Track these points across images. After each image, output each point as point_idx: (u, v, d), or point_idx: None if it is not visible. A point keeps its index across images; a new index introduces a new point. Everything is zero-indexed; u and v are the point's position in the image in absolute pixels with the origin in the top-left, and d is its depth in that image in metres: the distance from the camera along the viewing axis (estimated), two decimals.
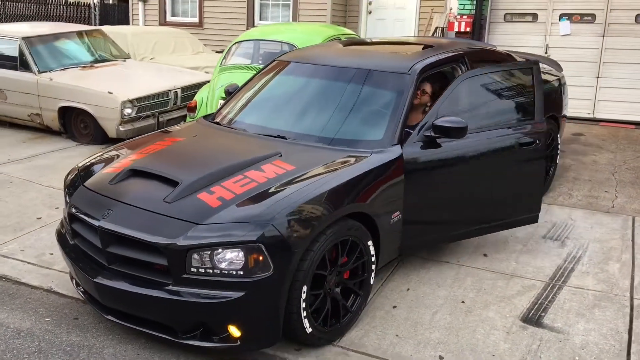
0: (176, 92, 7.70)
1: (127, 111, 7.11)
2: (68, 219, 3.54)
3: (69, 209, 3.49)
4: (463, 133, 3.74)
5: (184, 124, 4.70)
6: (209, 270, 2.97)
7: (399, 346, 3.38)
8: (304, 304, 3.13)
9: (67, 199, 3.61)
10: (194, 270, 2.98)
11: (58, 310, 3.70)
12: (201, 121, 4.48)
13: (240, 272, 2.95)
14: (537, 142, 4.26)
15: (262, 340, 3.15)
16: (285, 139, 3.88)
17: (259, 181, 3.29)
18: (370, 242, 3.51)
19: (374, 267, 3.59)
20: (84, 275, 3.27)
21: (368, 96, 4.10)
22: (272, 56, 5.98)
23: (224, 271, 2.96)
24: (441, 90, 4.16)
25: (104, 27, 10.23)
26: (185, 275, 2.99)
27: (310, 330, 3.21)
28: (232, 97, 4.69)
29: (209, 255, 2.96)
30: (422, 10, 11.38)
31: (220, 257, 2.96)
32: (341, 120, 4.00)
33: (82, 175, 3.71)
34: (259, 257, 2.95)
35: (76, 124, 7.58)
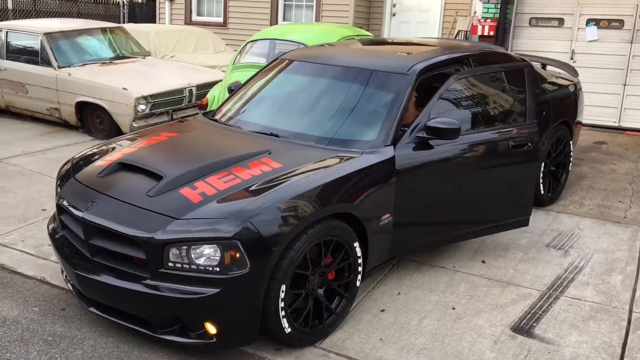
0: (191, 89, 7.75)
1: (140, 107, 7.18)
2: (57, 210, 3.57)
3: (58, 200, 3.53)
4: (456, 134, 3.66)
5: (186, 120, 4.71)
6: (185, 266, 2.95)
7: (381, 350, 3.31)
8: (282, 304, 3.09)
9: (58, 190, 3.65)
10: (172, 265, 2.97)
11: (47, 300, 3.73)
12: (200, 117, 4.48)
13: (217, 269, 2.93)
14: (528, 144, 4.21)
15: (238, 338, 3.12)
16: (278, 137, 3.85)
17: (243, 178, 3.27)
18: (356, 244, 3.44)
19: (360, 269, 3.52)
20: (68, 267, 3.30)
21: (365, 96, 4.03)
22: None
23: (200, 267, 2.94)
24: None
25: (127, 25, 10.39)
26: (162, 270, 2.98)
27: (289, 330, 3.17)
28: (233, 94, 4.68)
29: (186, 250, 2.94)
30: (447, 13, 11.24)
31: (198, 253, 2.94)
32: (336, 120, 3.95)
33: (74, 168, 3.74)
34: (236, 254, 2.91)
35: (92, 119, 7.69)
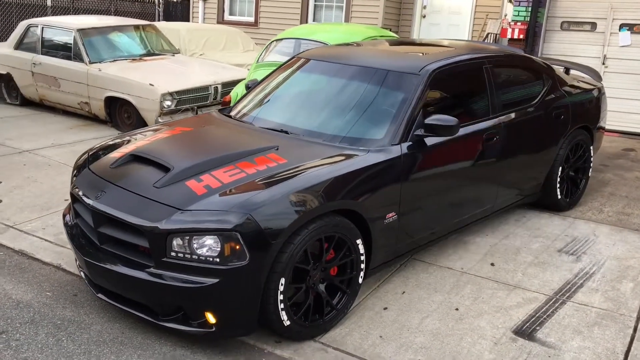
0: (216, 87, 7.88)
1: (166, 103, 7.33)
2: (71, 199, 3.70)
3: (72, 189, 3.65)
4: (455, 131, 3.69)
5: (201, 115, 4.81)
6: (187, 256, 3.03)
7: (380, 347, 3.33)
8: (281, 297, 3.14)
9: (73, 179, 3.77)
10: (174, 254, 3.05)
11: (61, 286, 3.87)
12: (215, 113, 4.57)
13: (217, 260, 3.00)
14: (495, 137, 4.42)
15: (237, 329, 3.19)
16: (288, 133, 3.90)
17: (248, 172, 3.33)
18: (359, 241, 3.48)
19: (363, 266, 3.56)
20: (79, 254, 3.41)
21: (377, 95, 4.06)
22: None
23: (201, 257, 3.01)
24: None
25: (160, 23, 10.60)
26: (165, 259, 3.06)
27: (288, 323, 3.22)
28: (249, 91, 4.76)
29: (189, 240, 3.02)
30: (477, 15, 11.16)
31: (199, 243, 3.02)
32: (347, 118, 3.99)
33: (90, 158, 3.86)
34: (235, 246, 2.98)
35: (120, 114, 7.89)
